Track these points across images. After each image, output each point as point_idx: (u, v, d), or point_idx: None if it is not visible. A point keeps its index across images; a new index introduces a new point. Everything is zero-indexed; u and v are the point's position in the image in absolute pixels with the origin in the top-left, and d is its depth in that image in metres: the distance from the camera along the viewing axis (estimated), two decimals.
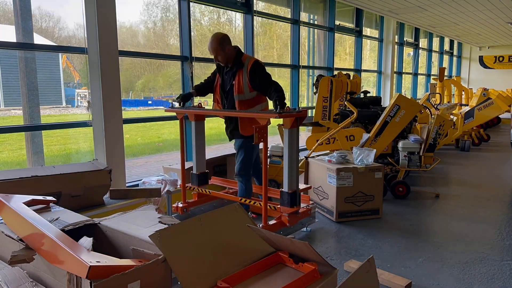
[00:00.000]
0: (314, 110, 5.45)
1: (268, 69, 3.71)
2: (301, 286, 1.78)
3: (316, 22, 8.30)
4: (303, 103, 8.46)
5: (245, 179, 3.85)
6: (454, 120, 8.37)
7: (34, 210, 2.27)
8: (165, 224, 2.12)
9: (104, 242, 2.13)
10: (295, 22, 6.96)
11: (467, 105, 9.35)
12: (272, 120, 3.32)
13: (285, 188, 3.36)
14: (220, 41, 3.59)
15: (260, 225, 3.31)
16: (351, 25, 9.01)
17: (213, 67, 4.00)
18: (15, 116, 11.03)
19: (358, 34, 9.05)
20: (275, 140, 5.44)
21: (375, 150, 4.30)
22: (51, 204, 2.52)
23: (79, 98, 14.48)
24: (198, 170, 4.06)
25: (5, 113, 11.85)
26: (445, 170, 6.61)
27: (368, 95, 5.84)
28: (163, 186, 4.01)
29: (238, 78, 3.64)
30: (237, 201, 3.68)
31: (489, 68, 15.83)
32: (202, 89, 3.99)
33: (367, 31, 9.71)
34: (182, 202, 4.02)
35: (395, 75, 10.71)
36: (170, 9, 5.07)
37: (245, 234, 2.08)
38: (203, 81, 4.03)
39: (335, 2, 7.85)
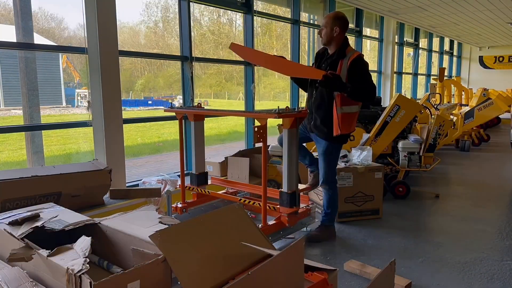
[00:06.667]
0: None
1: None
2: None
3: (316, 22, 8.30)
4: (303, 103, 8.44)
5: (332, 186, 3.61)
6: (454, 120, 8.37)
7: (34, 210, 2.27)
8: (165, 224, 2.12)
9: (104, 242, 2.13)
10: (295, 22, 6.96)
11: (467, 105, 9.35)
12: (272, 120, 3.31)
13: (284, 189, 3.35)
14: (337, 16, 3.49)
15: (260, 225, 3.31)
16: (351, 25, 9.00)
17: (213, 67, 3.99)
18: (15, 116, 11.03)
19: (358, 34, 9.05)
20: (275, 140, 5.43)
21: (370, 147, 4.32)
22: (51, 203, 2.52)
23: (79, 98, 14.48)
24: (197, 170, 4.05)
25: (5, 113, 11.85)
26: (445, 170, 6.61)
27: None
28: (163, 186, 4.02)
29: (339, 69, 3.32)
30: (236, 201, 3.69)
31: (489, 68, 15.83)
32: (300, 80, 3.81)
33: (367, 31, 9.71)
34: (181, 202, 4.02)
35: (395, 75, 10.71)
36: (170, 9, 5.06)
37: (246, 234, 2.07)
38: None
39: (335, 2, 7.85)
